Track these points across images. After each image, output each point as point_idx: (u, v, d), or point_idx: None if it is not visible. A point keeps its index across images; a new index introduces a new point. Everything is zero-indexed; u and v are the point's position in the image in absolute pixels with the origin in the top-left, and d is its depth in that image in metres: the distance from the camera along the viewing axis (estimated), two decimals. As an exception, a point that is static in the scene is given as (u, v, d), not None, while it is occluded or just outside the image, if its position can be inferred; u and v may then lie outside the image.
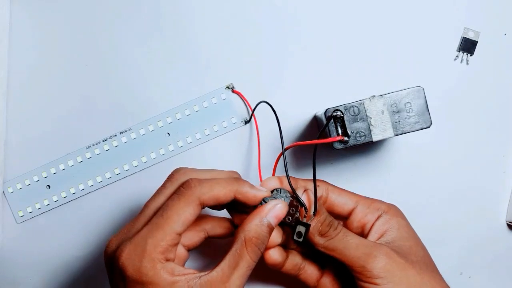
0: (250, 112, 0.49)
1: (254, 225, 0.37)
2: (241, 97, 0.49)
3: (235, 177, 0.39)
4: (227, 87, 0.49)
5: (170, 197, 0.37)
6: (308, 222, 0.39)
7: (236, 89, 0.49)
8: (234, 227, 0.41)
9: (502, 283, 0.50)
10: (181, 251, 0.39)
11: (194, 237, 0.41)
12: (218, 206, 0.40)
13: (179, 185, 0.38)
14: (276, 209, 0.38)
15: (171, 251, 0.36)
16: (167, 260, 0.35)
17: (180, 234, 0.36)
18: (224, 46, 0.49)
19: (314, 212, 0.40)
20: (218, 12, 0.49)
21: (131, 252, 0.35)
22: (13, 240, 0.49)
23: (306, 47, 0.49)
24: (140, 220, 0.37)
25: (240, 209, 0.40)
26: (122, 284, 0.36)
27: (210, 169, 0.41)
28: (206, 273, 0.36)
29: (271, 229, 0.38)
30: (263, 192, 0.39)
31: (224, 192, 0.37)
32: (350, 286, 0.43)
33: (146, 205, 0.38)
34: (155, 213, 0.37)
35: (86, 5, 0.49)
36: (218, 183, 0.37)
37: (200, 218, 0.41)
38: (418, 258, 0.40)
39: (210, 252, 0.49)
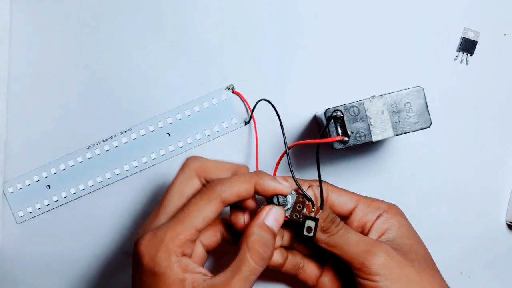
0: (250, 113, 0.49)
1: (255, 230, 0.38)
2: (241, 98, 0.49)
3: (256, 171, 0.39)
4: (227, 87, 0.49)
5: (193, 196, 0.38)
6: (316, 216, 0.39)
7: (236, 89, 0.49)
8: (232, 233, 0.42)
9: (501, 283, 0.50)
10: (200, 250, 0.40)
11: (211, 236, 0.41)
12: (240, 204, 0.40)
13: (193, 170, 0.39)
14: (273, 212, 0.39)
15: (189, 246, 0.36)
16: (184, 254, 0.36)
17: (199, 231, 0.36)
18: (224, 47, 0.49)
19: (321, 207, 0.40)
20: (219, 13, 0.49)
21: (150, 241, 0.36)
22: (13, 240, 0.49)
23: (306, 47, 0.49)
24: (161, 211, 0.38)
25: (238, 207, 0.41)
26: (137, 272, 0.36)
27: (221, 160, 0.41)
28: (211, 276, 0.36)
29: (273, 233, 0.38)
30: (284, 187, 0.39)
31: (244, 188, 0.38)
32: (349, 285, 0.43)
33: (167, 192, 0.39)
34: (175, 204, 0.38)
35: (87, 6, 0.49)
36: (238, 179, 0.38)
37: (217, 219, 0.41)
38: (418, 256, 0.40)
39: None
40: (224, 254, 0.47)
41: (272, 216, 0.38)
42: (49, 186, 0.49)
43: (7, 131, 0.49)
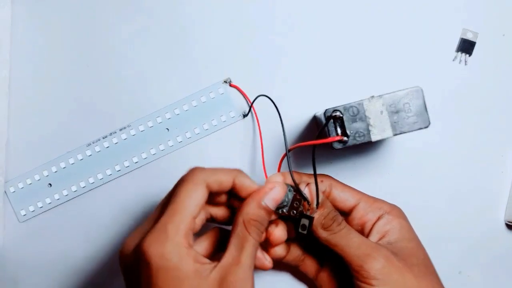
0: (249, 105, 0.49)
1: (252, 208, 0.37)
2: (239, 91, 0.49)
3: (236, 169, 0.39)
4: (224, 81, 0.49)
5: (175, 186, 0.37)
6: (311, 215, 0.40)
7: (234, 83, 0.49)
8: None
9: (500, 283, 0.50)
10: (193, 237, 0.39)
11: (199, 221, 0.40)
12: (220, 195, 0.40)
13: (203, 180, 0.38)
14: (273, 192, 0.38)
15: (191, 236, 0.36)
16: (190, 245, 0.35)
17: (195, 218, 0.36)
18: (221, 42, 0.49)
19: (317, 205, 0.40)
20: (216, 8, 0.49)
21: (154, 239, 0.35)
22: (15, 239, 0.49)
23: (305, 47, 0.49)
24: (155, 217, 0.37)
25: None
26: (144, 276, 0.35)
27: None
28: (218, 262, 0.36)
29: (269, 212, 0.38)
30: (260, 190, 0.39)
31: (226, 178, 0.38)
32: (346, 284, 0.43)
33: (159, 204, 0.39)
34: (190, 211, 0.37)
35: (86, 5, 0.49)
36: (220, 170, 0.38)
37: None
38: (419, 261, 0.40)
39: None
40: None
41: (271, 196, 0.38)
42: (50, 184, 0.49)
43: (9, 131, 0.49)
